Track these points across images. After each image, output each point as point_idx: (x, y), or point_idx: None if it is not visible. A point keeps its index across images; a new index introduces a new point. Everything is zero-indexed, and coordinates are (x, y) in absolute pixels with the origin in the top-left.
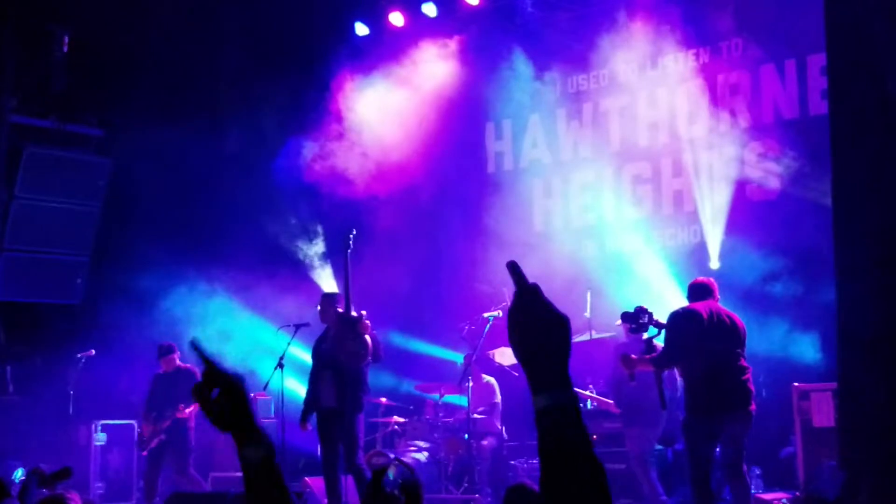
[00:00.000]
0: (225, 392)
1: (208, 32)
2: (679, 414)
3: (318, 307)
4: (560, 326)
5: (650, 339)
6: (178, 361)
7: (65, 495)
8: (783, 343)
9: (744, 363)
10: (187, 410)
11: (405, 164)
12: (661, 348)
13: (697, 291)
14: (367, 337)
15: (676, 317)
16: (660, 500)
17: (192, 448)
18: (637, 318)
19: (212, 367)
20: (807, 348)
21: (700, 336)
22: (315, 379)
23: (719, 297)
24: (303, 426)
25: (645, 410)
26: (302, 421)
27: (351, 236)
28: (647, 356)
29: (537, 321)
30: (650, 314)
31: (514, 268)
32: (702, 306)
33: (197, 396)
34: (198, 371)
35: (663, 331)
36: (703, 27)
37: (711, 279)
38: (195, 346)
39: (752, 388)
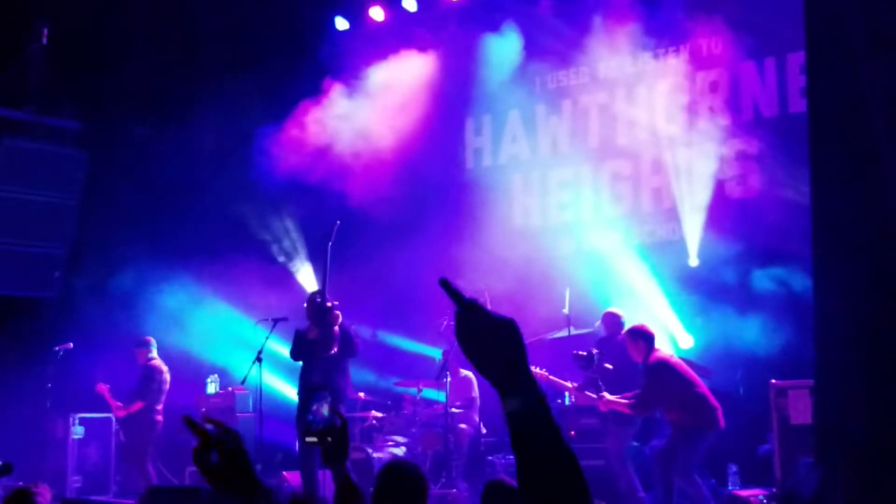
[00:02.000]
0: (224, 455)
1: (187, 26)
2: (655, 412)
3: (305, 304)
4: (508, 331)
5: (596, 380)
6: (148, 356)
7: (32, 489)
8: (761, 340)
9: None
10: (122, 412)
11: (384, 158)
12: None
13: (652, 339)
14: (336, 328)
15: (660, 369)
16: (637, 496)
17: (146, 442)
18: (591, 361)
19: (208, 434)
20: (784, 345)
21: (681, 383)
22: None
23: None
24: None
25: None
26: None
27: (334, 228)
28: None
29: (485, 333)
30: (601, 354)
31: (447, 286)
32: (669, 355)
33: (197, 462)
34: (158, 367)
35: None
36: (683, 25)
37: None
38: (188, 421)
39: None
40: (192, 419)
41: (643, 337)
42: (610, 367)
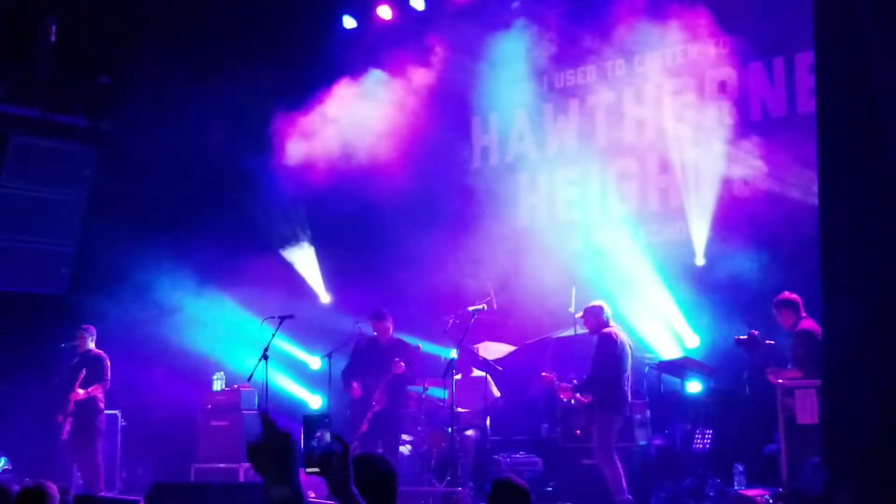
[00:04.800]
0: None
1: (196, 23)
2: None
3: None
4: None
5: (761, 364)
6: (88, 344)
7: (43, 485)
8: (768, 340)
9: None
10: (80, 392)
11: (391, 157)
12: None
13: (798, 306)
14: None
15: (814, 334)
16: (623, 497)
17: (96, 434)
18: (756, 343)
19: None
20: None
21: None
22: None
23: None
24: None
25: (608, 396)
26: None
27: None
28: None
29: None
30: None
31: (264, 417)
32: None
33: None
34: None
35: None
36: (692, 24)
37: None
38: (263, 416)
39: None
40: (267, 416)
41: (789, 305)
42: (772, 342)
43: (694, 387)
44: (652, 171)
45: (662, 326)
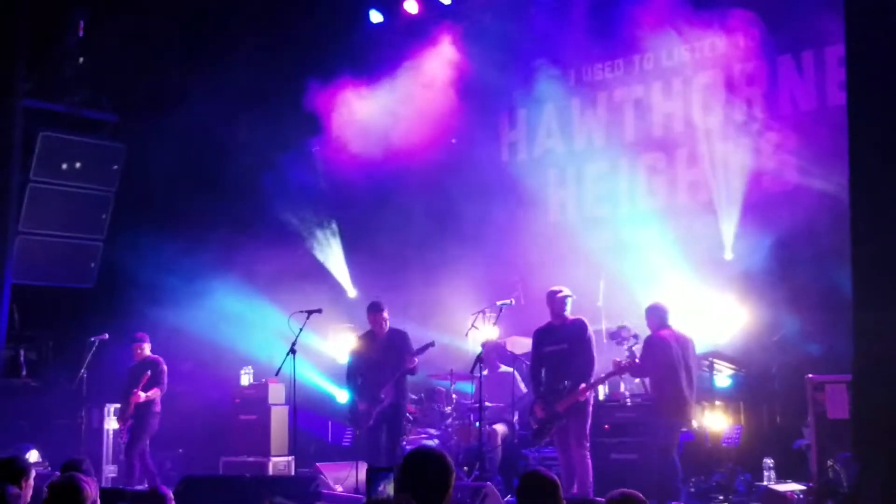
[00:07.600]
0: None
1: (222, 18)
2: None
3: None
4: None
5: (631, 349)
6: (146, 352)
7: (75, 476)
8: (797, 334)
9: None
10: (142, 395)
11: (419, 152)
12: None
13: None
14: None
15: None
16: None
17: (147, 434)
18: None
19: None
20: (821, 340)
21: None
22: None
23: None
24: None
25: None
26: None
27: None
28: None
29: None
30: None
31: None
32: (665, 335)
33: None
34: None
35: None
36: (720, 17)
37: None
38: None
39: None
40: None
41: (647, 311)
42: (637, 335)
43: (723, 381)
44: (680, 165)
45: (691, 321)
